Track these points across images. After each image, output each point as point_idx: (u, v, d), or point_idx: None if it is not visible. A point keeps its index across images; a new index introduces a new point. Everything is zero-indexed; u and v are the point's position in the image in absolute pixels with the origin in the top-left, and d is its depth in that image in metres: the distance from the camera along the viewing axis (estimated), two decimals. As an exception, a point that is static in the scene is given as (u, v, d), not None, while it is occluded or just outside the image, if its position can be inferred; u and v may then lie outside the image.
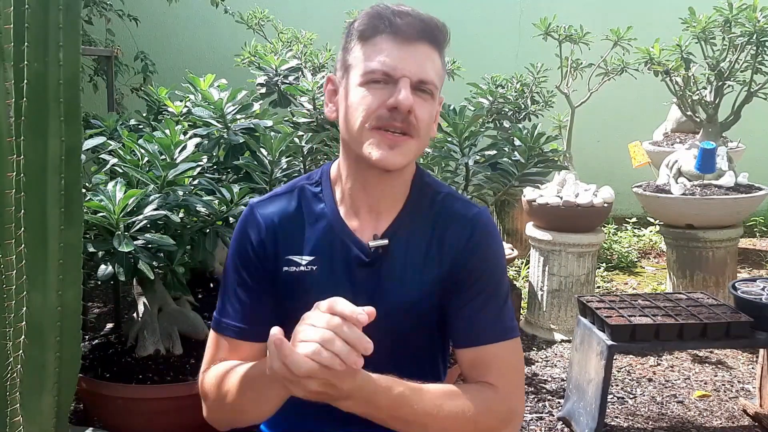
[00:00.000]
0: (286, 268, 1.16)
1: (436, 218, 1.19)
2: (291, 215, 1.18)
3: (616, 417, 2.55)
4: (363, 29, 1.10)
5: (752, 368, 2.93)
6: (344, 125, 1.13)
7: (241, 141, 2.22)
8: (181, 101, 2.47)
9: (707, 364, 3.02)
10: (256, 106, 2.37)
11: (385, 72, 1.07)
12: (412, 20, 1.08)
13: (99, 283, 3.20)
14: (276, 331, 0.91)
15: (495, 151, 2.37)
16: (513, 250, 3.75)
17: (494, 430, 1.11)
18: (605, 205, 3.33)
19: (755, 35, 3.31)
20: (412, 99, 1.07)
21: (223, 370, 1.14)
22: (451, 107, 2.35)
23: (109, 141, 2.18)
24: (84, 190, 1.83)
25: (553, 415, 2.55)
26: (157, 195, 1.90)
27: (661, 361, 3.05)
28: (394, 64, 1.07)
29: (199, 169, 2.09)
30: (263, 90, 2.82)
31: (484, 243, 1.18)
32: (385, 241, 1.16)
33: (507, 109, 3.75)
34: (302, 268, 1.16)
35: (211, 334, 1.21)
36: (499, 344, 1.14)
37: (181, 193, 1.95)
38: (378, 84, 1.08)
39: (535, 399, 2.69)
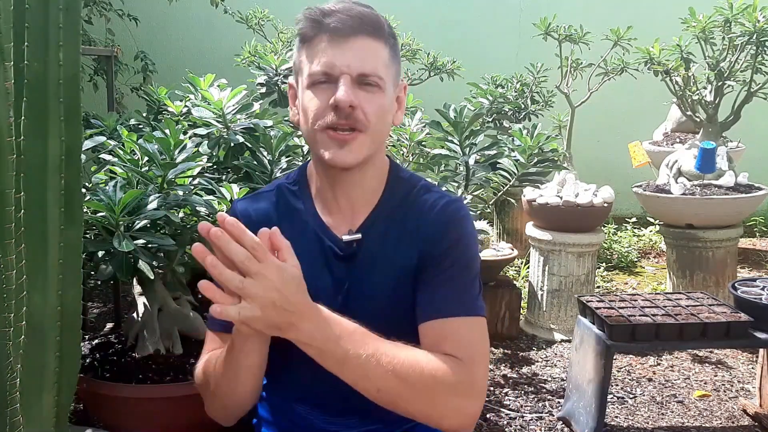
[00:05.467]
0: None
1: (409, 211, 1.20)
2: (269, 212, 1.22)
3: (616, 417, 2.55)
4: (303, 33, 1.13)
5: (752, 368, 2.93)
6: (302, 128, 1.17)
7: (240, 141, 2.22)
8: (181, 101, 2.46)
9: (707, 364, 3.02)
10: (256, 106, 2.36)
11: (324, 72, 1.10)
12: (346, 16, 1.09)
13: (99, 283, 3.20)
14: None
15: (495, 151, 2.38)
16: (513, 250, 3.74)
17: (454, 394, 1.06)
18: (605, 205, 3.32)
19: (755, 35, 3.32)
20: (354, 95, 1.08)
21: (207, 358, 1.20)
22: (451, 107, 2.35)
23: (109, 141, 2.17)
24: (84, 190, 1.83)
25: (553, 415, 2.55)
26: (157, 195, 1.90)
27: (661, 361, 3.05)
28: (332, 62, 1.09)
29: (198, 168, 2.09)
30: (263, 90, 2.82)
31: (455, 229, 1.18)
32: (358, 236, 1.18)
33: (507, 109, 3.76)
34: None
35: (207, 330, 1.26)
36: (462, 319, 1.12)
37: (181, 192, 1.95)
38: (322, 84, 1.10)
39: (535, 399, 2.68)
